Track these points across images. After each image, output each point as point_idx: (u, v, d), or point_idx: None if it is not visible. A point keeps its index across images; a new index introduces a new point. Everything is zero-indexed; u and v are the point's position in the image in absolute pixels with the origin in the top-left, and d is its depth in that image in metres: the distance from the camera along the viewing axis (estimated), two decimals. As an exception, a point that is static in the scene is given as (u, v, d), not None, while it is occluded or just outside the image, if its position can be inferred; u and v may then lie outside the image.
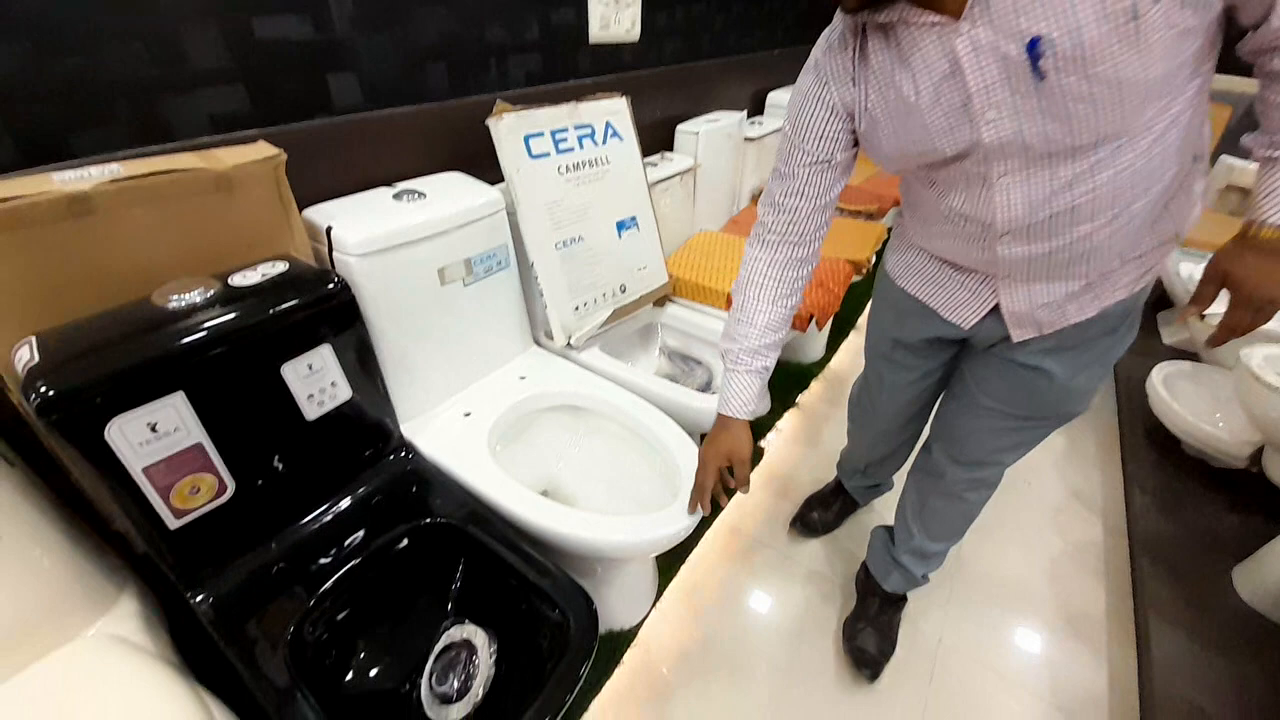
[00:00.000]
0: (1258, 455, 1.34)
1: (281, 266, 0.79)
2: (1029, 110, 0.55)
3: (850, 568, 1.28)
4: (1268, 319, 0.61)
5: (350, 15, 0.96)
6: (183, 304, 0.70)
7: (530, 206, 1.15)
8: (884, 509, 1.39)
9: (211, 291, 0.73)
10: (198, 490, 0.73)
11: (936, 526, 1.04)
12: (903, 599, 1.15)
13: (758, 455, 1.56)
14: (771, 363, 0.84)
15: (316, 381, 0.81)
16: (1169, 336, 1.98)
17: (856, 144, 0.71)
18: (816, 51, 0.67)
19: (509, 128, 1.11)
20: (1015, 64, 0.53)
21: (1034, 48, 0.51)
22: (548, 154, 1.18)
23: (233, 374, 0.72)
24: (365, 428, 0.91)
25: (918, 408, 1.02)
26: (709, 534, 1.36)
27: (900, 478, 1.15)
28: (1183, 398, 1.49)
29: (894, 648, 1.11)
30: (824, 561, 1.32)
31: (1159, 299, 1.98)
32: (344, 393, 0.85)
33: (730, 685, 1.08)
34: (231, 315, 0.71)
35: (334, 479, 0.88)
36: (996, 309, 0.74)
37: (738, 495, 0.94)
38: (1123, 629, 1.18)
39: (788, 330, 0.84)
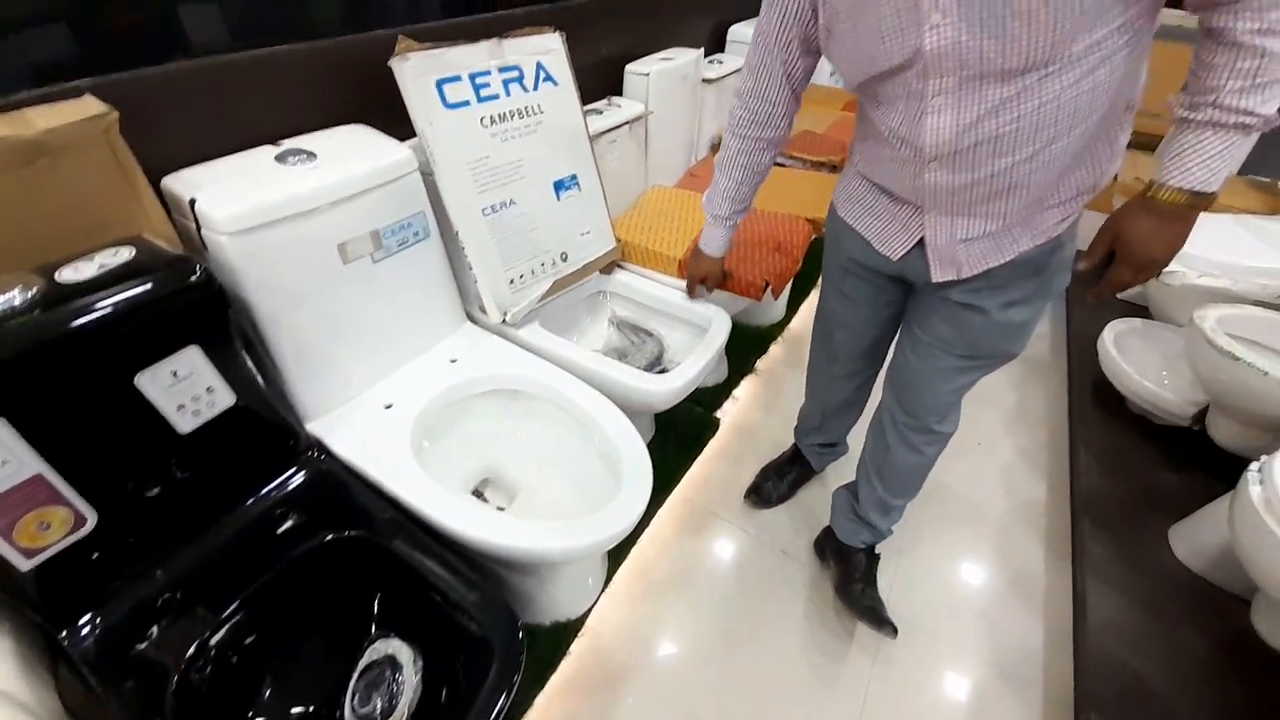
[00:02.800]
0: (1201, 415, 1.36)
1: (126, 254, 0.66)
2: (971, 18, 0.56)
3: (805, 538, 1.28)
4: (1148, 278, 0.67)
5: (198, -73, 0.78)
6: (-9, 309, 0.57)
7: (449, 166, 1.01)
8: (836, 480, 1.37)
9: (32, 291, 0.59)
10: (48, 526, 0.63)
11: (895, 481, 1.05)
12: (878, 555, 1.16)
13: (713, 426, 1.52)
14: (740, 218, 1.03)
15: (186, 390, 0.69)
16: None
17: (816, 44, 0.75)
18: None
19: (416, 70, 0.95)
20: None
21: None
22: (467, 102, 1.02)
23: (70, 391, 0.60)
24: (259, 433, 0.81)
25: (867, 343, 1.02)
26: (662, 510, 1.32)
27: (856, 442, 1.17)
28: (1131, 355, 1.49)
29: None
30: (778, 531, 1.30)
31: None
32: (225, 399, 0.73)
33: (686, 663, 1.07)
34: (58, 320, 0.58)
35: (226, 494, 0.79)
36: (923, 244, 0.77)
37: (696, 466, 1.38)
38: (1061, 589, 1.22)
39: (755, 193, 0.99)
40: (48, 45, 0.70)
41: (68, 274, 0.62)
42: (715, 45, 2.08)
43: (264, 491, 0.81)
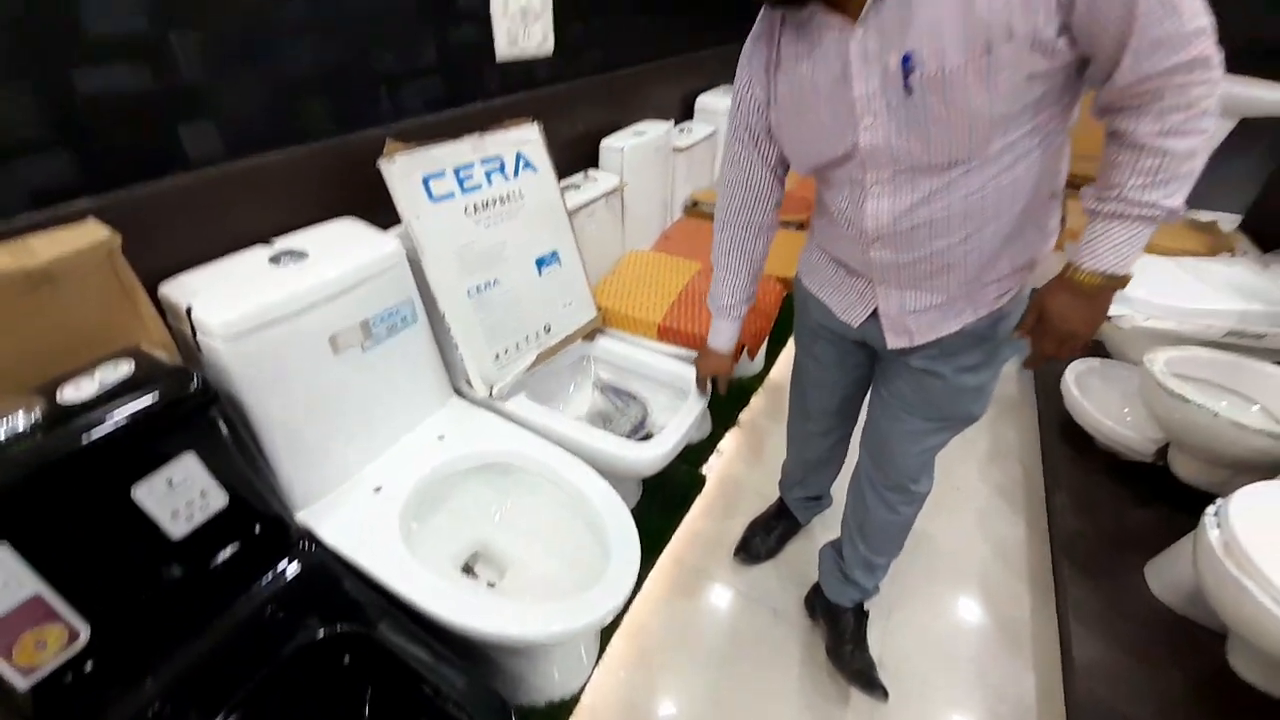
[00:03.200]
0: (1163, 450, 1.42)
1: (126, 368, 0.68)
2: (897, 122, 0.63)
3: (796, 593, 1.29)
4: (1071, 351, 0.71)
5: (200, 57, 0.84)
6: (-3, 436, 0.59)
7: (435, 255, 1.06)
8: (823, 533, 1.40)
9: (35, 415, 0.62)
10: (44, 644, 0.63)
11: (877, 540, 1.07)
12: (866, 612, 1.17)
13: (699, 484, 1.55)
14: (744, 309, 1.03)
15: (181, 495, 0.71)
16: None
17: None
18: (747, 41, 0.76)
19: (403, 170, 1.01)
20: (892, 76, 0.60)
21: (907, 63, 0.59)
22: (451, 194, 1.08)
23: (71, 510, 0.62)
24: (250, 531, 0.82)
25: (838, 402, 1.07)
26: (653, 571, 1.33)
27: (840, 494, 1.20)
28: (1093, 394, 1.56)
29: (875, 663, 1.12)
30: (769, 589, 1.31)
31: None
32: (218, 500, 0.75)
33: (678, 737, 1.06)
34: (61, 443, 0.60)
35: (217, 595, 0.79)
36: (878, 314, 0.82)
37: (685, 524, 1.40)
38: (1048, 632, 1.24)
39: (757, 284, 1.00)
40: (49, 168, 0.74)
41: (69, 393, 0.64)
42: (684, 113, 2.21)
43: (254, 590, 0.81)
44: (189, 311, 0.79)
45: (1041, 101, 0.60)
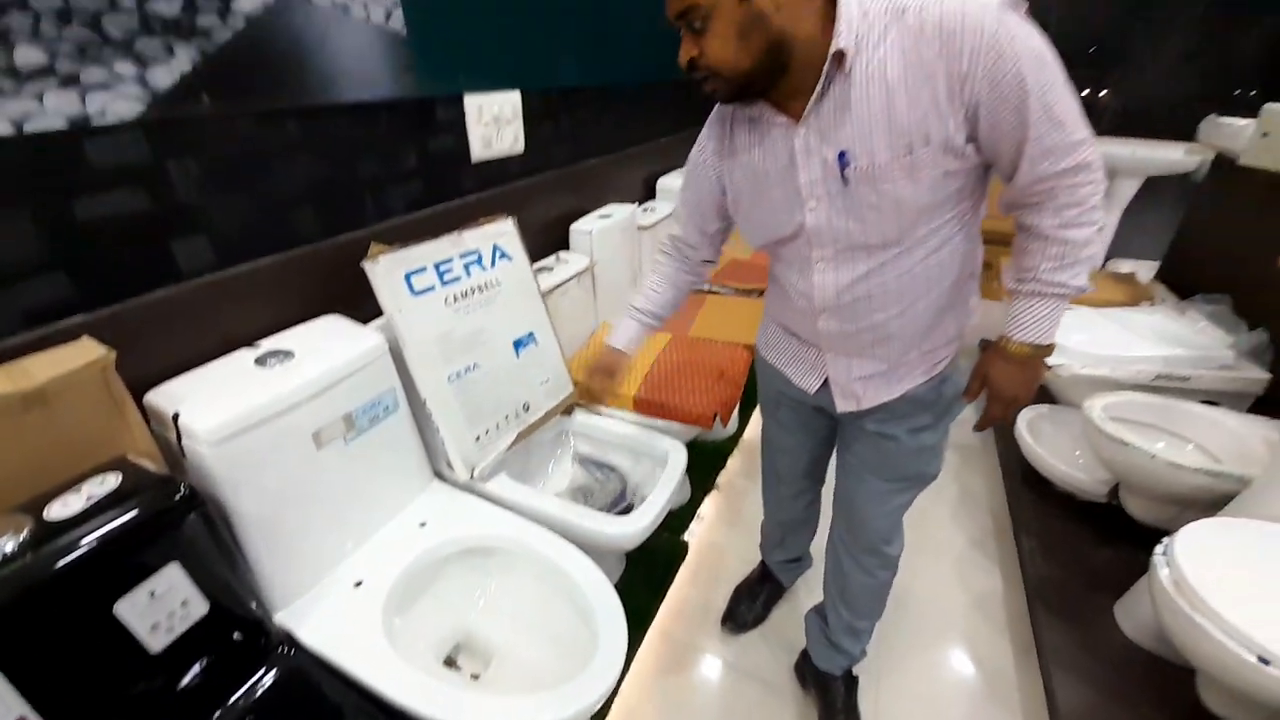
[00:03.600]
0: (1115, 490, 1.51)
1: (113, 481, 0.70)
2: (837, 207, 0.71)
3: (786, 660, 1.28)
4: (1017, 411, 0.82)
5: (196, 181, 0.91)
6: (-19, 561, 0.59)
7: (416, 344, 1.11)
8: (807, 595, 1.41)
9: (23, 535, 0.62)
10: (11, 775, 0.60)
11: (858, 604, 1.10)
12: (856, 679, 1.17)
13: (682, 552, 1.55)
14: (651, 323, 1.04)
15: (163, 607, 0.71)
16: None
17: (728, 212, 0.89)
18: (704, 127, 0.85)
19: (387, 269, 1.08)
20: (830, 167, 0.69)
21: (843, 158, 0.68)
22: (432, 288, 1.15)
23: (55, 629, 0.62)
24: (229, 638, 0.80)
25: (806, 464, 1.12)
26: (641, 648, 1.32)
27: (819, 555, 1.21)
28: (1045, 439, 1.66)
29: None
30: (759, 659, 1.31)
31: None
32: (199, 609, 0.75)
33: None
34: (49, 563, 0.61)
35: (194, 708, 0.76)
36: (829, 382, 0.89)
37: (671, 594, 1.39)
38: (1032, 683, 1.25)
39: (670, 309, 1.05)
40: (43, 289, 0.77)
41: (57, 510, 0.65)
42: (647, 194, 2.38)
43: (232, 700, 0.79)
44: (175, 418, 0.81)
45: (959, 194, 0.71)
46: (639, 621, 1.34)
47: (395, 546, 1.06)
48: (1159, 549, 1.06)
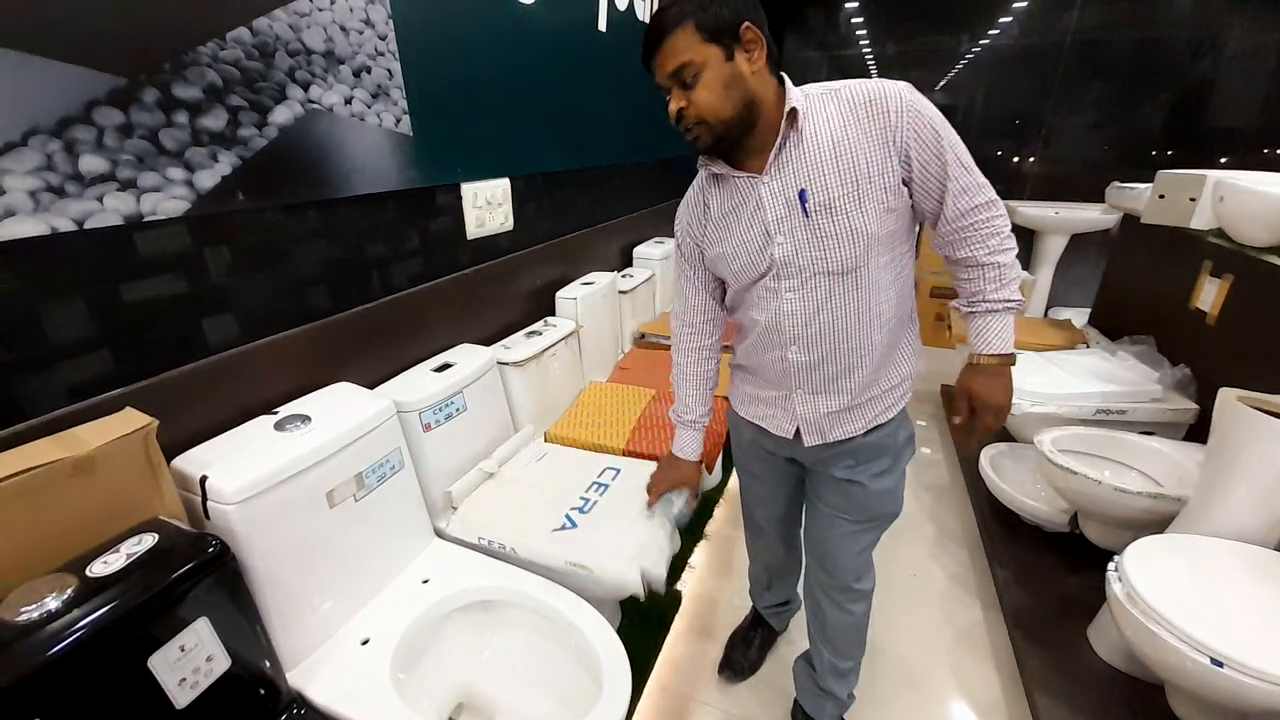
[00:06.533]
0: (1075, 519, 1.62)
1: (150, 540, 0.75)
2: (802, 237, 0.83)
3: (783, 707, 1.30)
4: (1002, 420, 0.91)
5: (226, 265, 1.01)
6: (34, 616, 0.63)
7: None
8: (801, 637, 1.45)
9: (68, 592, 0.67)
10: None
11: (839, 642, 1.15)
12: None
13: (676, 602, 1.59)
14: (707, 419, 1.15)
15: (190, 662, 0.74)
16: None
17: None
18: (682, 202, 0.99)
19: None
20: (792, 204, 0.82)
21: (803, 196, 0.81)
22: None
23: (93, 684, 0.65)
24: (244, 696, 0.82)
25: (783, 510, 1.19)
26: (641, 703, 1.32)
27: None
28: (1007, 475, 1.78)
29: None
30: (755, 706, 1.33)
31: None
32: (221, 665, 0.78)
33: None
34: (92, 618, 0.65)
35: (212, 770, 0.78)
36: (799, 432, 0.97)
37: (667, 646, 1.41)
38: (1020, 708, 1.30)
39: (713, 396, 1.13)
40: (89, 366, 0.85)
41: (98, 567, 0.70)
42: (625, 262, 2.58)
43: (248, 760, 0.80)
44: (203, 481, 0.87)
45: (894, 237, 0.84)
46: (638, 675, 1.35)
47: (401, 603, 1.09)
48: (1111, 565, 1.16)
